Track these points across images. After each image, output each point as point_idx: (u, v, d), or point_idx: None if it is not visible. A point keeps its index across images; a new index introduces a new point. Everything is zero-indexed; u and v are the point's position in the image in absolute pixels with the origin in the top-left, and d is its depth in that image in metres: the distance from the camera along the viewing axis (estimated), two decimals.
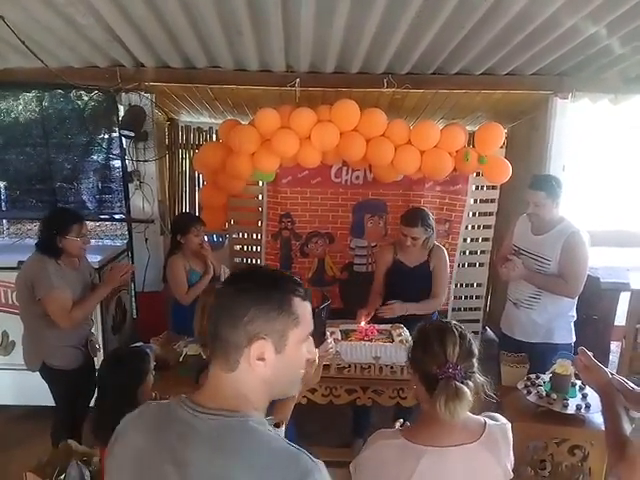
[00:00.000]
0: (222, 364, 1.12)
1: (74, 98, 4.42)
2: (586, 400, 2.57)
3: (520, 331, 3.31)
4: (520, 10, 2.69)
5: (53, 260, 2.92)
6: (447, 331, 1.62)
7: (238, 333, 1.09)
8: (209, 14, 2.90)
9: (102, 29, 3.18)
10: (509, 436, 1.66)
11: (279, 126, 3.77)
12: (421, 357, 1.64)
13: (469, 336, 1.65)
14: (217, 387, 1.12)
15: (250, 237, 4.96)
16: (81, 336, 3.13)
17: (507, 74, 3.95)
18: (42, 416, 3.35)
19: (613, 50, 3.34)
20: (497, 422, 1.68)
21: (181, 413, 1.10)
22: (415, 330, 1.77)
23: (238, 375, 1.11)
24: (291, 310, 1.12)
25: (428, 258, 3.51)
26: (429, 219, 3.39)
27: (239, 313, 1.09)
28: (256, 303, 1.09)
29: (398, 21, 2.91)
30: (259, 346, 1.09)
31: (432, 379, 1.57)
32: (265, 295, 1.11)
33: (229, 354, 1.10)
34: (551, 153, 4.23)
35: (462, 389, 1.52)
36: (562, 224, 3.14)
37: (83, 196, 4.60)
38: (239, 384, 1.12)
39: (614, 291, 4.50)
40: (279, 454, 1.06)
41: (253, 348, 1.08)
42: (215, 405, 1.09)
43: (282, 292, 1.13)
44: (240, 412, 1.09)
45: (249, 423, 1.07)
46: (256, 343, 1.08)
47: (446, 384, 1.53)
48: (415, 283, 3.47)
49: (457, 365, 1.56)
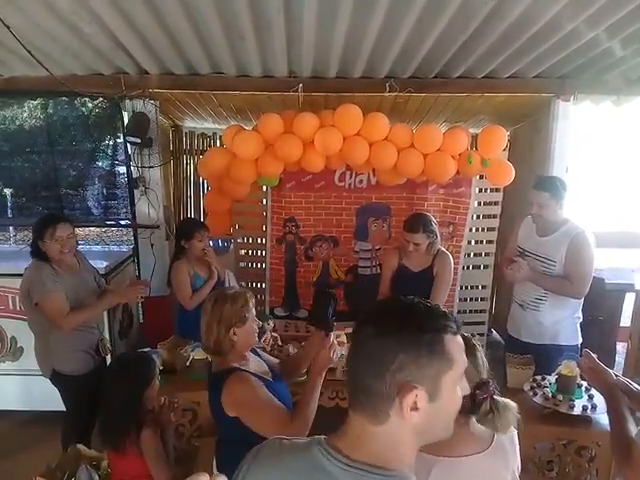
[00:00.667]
0: (368, 416, 0.99)
1: (79, 105, 4.46)
2: (592, 401, 2.58)
3: (526, 333, 3.31)
4: (521, 13, 2.71)
5: (48, 265, 2.94)
6: (473, 346, 1.58)
7: (385, 383, 0.95)
8: (212, 20, 2.92)
9: (106, 37, 3.22)
10: (516, 442, 1.66)
11: (282, 131, 3.79)
12: None
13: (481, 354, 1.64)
14: (361, 438, 1.01)
15: (255, 241, 4.98)
16: (89, 341, 3.15)
17: (509, 77, 3.96)
18: (51, 421, 3.37)
19: (615, 52, 3.34)
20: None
21: (323, 462, 1.01)
22: None
23: (388, 428, 0.98)
24: (443, 351, 0.97)
25: (432, 263, 3.51)
26: (431, 225, 3.40)
27: (385, 360, 0.95)
28: (403, 348, 0.95)
29: (400, 25, 2.93)
30: (411, 396, 0.95)
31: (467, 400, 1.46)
32: (412, 337, 0.96)
33: (376, 405, 0.97)
34: (554, 155, 4.23)
35: (506, 400, 1.54)
36: (567, 225, 3.14)
37: (89, 202, 4.63)
38: (388, 438, 0.99)
39: (619, 292, 4.50)
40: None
41: (405, 399, 0.95)
42: (359, 457, 0.99)
43: (431, 332, 0.97)
44: (387, 468, 0.98)
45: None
46: (408, 394, 0.95)
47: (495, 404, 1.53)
48: (419, 288, 3.46)
49: (488, 379, 1.56)
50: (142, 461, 2.23)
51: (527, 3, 2.58)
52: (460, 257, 4.67)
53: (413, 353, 0.95)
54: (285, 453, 1.08)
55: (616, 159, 6.51)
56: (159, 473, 2.24)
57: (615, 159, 6.50)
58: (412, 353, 0.95)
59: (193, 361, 3.01)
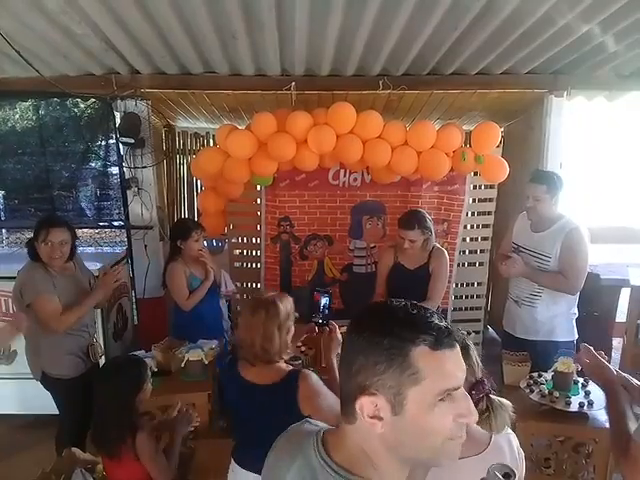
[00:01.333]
0: (344, 413, 1.00)
1: (71, 106, 4.42)
2: (589, 397, 2.58)
3: (522, 329, 3.31)
4: (513, 10, 2.70)
5: (42, 266, 2.92)
6: (467, 346, 1.57)
7: (350, 382, 0.95)
8: (203, 20, 2.90)
9: (97, 37, 3.19)
10: (514, 445, 1.64)
11: (276, 130, 3.77)
12: None
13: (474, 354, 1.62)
14: (340, 436, 1.02)
15: (250, 241, 4.96)
16: (79, 344, 3.11)
17: (502, 73, 3.96)
18: (45, 424, 3.36)
19: (607, 47, 3.35)
20: (502, 432, 1.67)
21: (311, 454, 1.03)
22: None
23: (356, 430, 0.98)
24: (406, 363, 0.90)
25: (428, 260, 3.51)
26: (426, 221, 3.39)
27: (349, 359, 0.96)
28: (363, 350, 0.93)
29: (392, 23, 2.92)
30: (369, 402, 0.92)
31: None
32: (374, 341, 0.92)
33: (347, 404, 0.98)
34: (548, 151, 4.24)
35: (502, 400, 1.54)
36: (562, 221, 3.14)
37: (81, 204, 4.59)
38: (356, 440, 0.99)
39: (614, 287, 4.51)
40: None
41: (363, 402, 0.93)
42: (334, 455, 1.00)
43: (395, 339, 0.91)
44: (352, 472, 0.97)
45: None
46: (365, 397, 0.92)
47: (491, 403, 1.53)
48: (415, 285, 3.47)
49: (483, 378, 1.56)
50: (138, 466, 2.22)
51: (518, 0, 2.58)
52: (455, 254, 4.67)
53: (371, 358, 0.92)
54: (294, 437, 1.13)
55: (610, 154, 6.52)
56: (159, 475, 2.23)
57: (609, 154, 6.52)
58: (370, 358, 0.92)
59: (188, 362, 2.99)
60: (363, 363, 0.93)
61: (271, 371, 2.10)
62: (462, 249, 4.87)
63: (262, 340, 2.07)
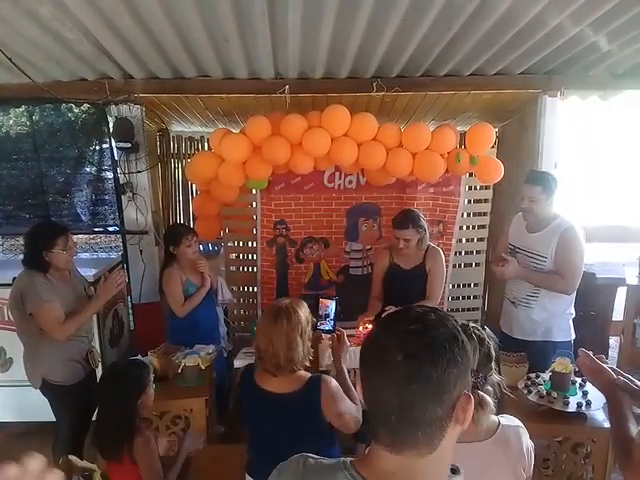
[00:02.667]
0: (419, 449, 0.91)
1: (64, 111, 4.41)
2: (587, 397, 2.58)
3: (519, 330, 3.31)
4: (505, 11, 2.70)
5: (41, 274, 2.91)
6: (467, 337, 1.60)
7: (444, 406, 0.90)
8: (195, 24, 2.89)
9: (89, 42, 3.18)
10: (524, 440, 1.65)
11: (270, 133, 3.77)
12: None
13: (487, 339, 1.65)
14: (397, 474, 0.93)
15: (245, 245, 4.96)
16: (80, 350, 3.11)
17: (496, 74, 3.96)
18: (42, 432, 3.34)
19: (600, 47, 3.35)
20: (511, 423, 1.68)
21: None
22: None
23: (440, 452, 0.93)
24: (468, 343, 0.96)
25: (424, 260, 3.53)
26: (420, 220, 3.40)
27: (443, 383, 0.89)
28: (456, 364, 0.90)
29: (385, 25, 2.92)
30: (470, 405, 0.92)
31: None
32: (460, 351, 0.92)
33: (433, 434, 0.91)
34: (542, 151, 4.23)
35: (485, 399, 1.53)
36: (557, 220, 3.15)
37: (76, 209, 4.57)
38: (437, 464, 0.94)
39: (611, 286, 4.52)
40: None
41: (466, 412, 0.92)
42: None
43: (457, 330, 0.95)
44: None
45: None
46: (467, 405, 0.92)
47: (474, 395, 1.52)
48: (412, 285, 3.49)
49: (477, 372, 1.55)
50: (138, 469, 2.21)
51: (511, 1, 2.58)
52: (450, 255, 4.69)
53: (461, 362, 0.91)
54: (310, 474, 1.03)
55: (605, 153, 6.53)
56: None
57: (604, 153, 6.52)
58: (460, 362, 0.91)
59: (185, 368, 2.98)
60: (458, 376, 0.90)
61: (292, 379, 2.09)
62: (458, 250, 4.87)
63: (286, 350, 2.04)
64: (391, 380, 0.90)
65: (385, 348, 0.91)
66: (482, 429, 1.57)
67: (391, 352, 0.89)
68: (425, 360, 0.88)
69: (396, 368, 0.89)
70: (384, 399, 0.91)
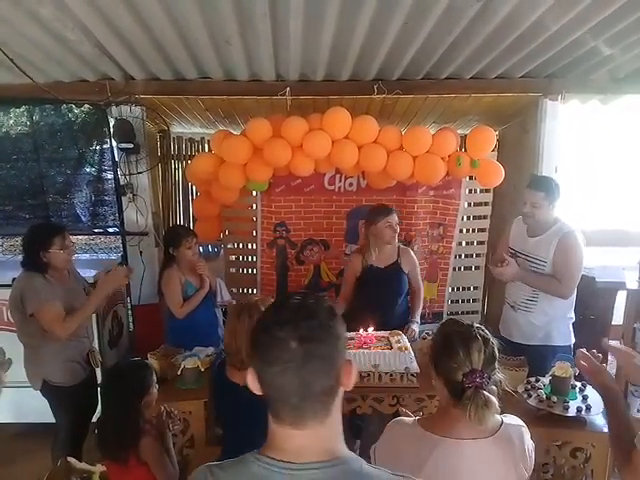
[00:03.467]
0: (321, 417, 1.02)
1: (65, 111, 4.40)
2: (587, 402, 2.57)
3: (518, 334, 3.30)
4: (506, 15, 2.70)
5: (41, 275, 2.90)
6: (471, 337, 1.62)
7: (334, 376, 1.02)
8: (197, 25, 2.89)
9: (90, 43, 3.18)
10: (526, 439, 1.67)
11: (271, 135, 3.77)
12: (445, 363, 1.64)
13: (491, 338, 1.66)
14: (306, 445, 1.02)
15: (245, 247, 4.96)
16: (80, 350, 3.11)
17: (496, 77, 3.96)
18: (41, 433, 3.33)
19: (601, 51, 3.35)
20: (514, 422, 1.69)
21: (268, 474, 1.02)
22: (437, 330, 1.79)
23: (334, 414, 1.05)
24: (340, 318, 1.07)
25: (398, 258, 3.60)
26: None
27: (333, 356, 1.02)
28: (338, 336, 1.03)
29: (386, 28, 2.92)
30: (348, 368, 1.05)
31: (457, 386, 1.59)
32: (337, 323, 1.04)
33: (328, 402, 1.03)
34: (543, 155, 4.24)
35: (490, 398, 1.54)
36: (557, 225, 3.14)
37: (76, 210, 4.56)
38: (335, 424, 1.06)
39: (610, 290, 4.50)
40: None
41: (343, 377, 1.04)
42: (309, 459, 1.01)
43: (333, 308, 1.07)
44: (337, 457, 1.03)
45: (351, 466, 1.03)
46: (349, 368, 1.05)
47: (475, 394, 1.54)
48: (390, 282, 3.57)
49: (483, 372, 1.57)
50: (144, 471, 2.20)
51: (512, 5, 2.58)
52: (450, 258, 4.70)
53: (341, 334, 1.04)
54: (221, 476, 1.07)
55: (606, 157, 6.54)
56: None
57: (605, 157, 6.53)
58: (341, 335, 1.04)
59: (184, 370, 2.97)
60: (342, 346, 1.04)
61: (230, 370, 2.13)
62: (458, 253, 4.88)
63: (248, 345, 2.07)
64: (290, 365, 0.98)
65: (279, 338, 0.98)
66: (486, 427, 1.58)
67: (286, 341, 0.98)
68: (317, 341, 0.99)
69: (293, 354, 0.97)
70: (284, 383, 0.99)
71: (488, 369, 1.60)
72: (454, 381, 1.60)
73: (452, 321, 1.79)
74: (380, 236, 3.49)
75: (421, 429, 1.62)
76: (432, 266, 4.78)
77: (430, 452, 1.55)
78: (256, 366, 1.03)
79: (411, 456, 1.55)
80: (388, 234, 3.47)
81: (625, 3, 2.54)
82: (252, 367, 1.05)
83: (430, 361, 1.74)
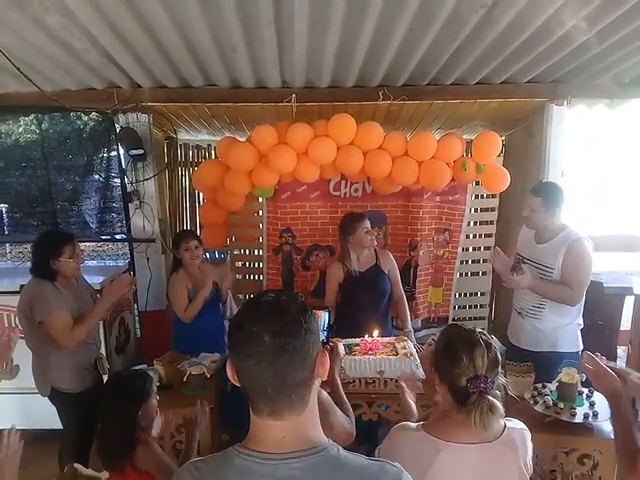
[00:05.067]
0: (297, 410, 1.08)
1: (73, 119, 4.45)
2: (594, 408, 2.55)
3: (525, 340, 3.29)
4: (511, 21, 2.70)
5: (50, 282, 2.92)
6: (475, 343, 1.63)
7: (309, 368, 1.08)
8: (203, 34, 2.91)
9: (97, 52, 3.20)
10: (528, 443, 1.68)
11: (276, 142, 3.78)
12: (449, 368, 1.65)
13: (494, 343, 1.66)
14: (287, 436, 1.08)
15: (252, 253, 4.97)
16: (89, 356, 3.13)
17: (502, 83, 3.96)
18: (48, 440, 3.33)
19: (606, 56, 3.35)
20: (517, 426, 1.70)
21: (250, 465, 1.06)
22: (440, 336, 1.80)
23: (311, 405, 1.10)
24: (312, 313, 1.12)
25: (377, 260, 3.64)
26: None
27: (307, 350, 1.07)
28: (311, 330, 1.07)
29: (391, 34, 2.93)
30: (323, 360, 1.10)
31: (461, 391, 1.60)
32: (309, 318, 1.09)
33: (304, 394, 1.08)
34: (549, 160, 4.23)
35: (495, 403, 1.55)
36: (564, 232, 3.12)
37: (84, 217, 4.60)
38: (312, 414, 1.11)
39: (618, 296, 4.48)
40: (368, 470, 1.08)
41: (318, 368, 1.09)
42: (289, 449, 1.06)
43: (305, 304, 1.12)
44: (316, 446, 1.07)
45: (330, 454, 1.07)
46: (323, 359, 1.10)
47: (479, 399, 1.55)
48: (372, 284, 3.59)
49: (487, 377, 1.58)
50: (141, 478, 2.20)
51: (516, 10, 2.58)
52: (456, 263, 4.70)
53: (314, 328, 1.08)
54: (206, 474, 1.11)
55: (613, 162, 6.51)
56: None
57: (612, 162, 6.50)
58: (313, 329, 1.08)
59: (190, 376, 2.98)
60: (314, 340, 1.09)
61: None
62: (465, 259, 4.87)
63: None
64: (264, 358, 1.03)
65: (253, 333, 1.04)
66: (491, 432, 1.58)
67: (260, 335, 1.03)
68: (289, 335, 1.04)
69: (267, 347, 1.03)
70: (259, 375, 1.05)
71: (492, 374, 1.60)
72: (458, 387, 1.61)
73: (454, 326, 1.80)
74: (360, 243, 3.53)
75: (425, 434, 1.62)
76: (437, 271, 4.78)
77: (434, 457, 1.56)
78: (234, 360, 1.10)
79: (415, 460, 1.55)
80: (367, 239, 3.51)
81: (630, 8, 2.54)
82: (230, 360, 1.11)
83: (433, 367, 1.74)
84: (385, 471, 1.09)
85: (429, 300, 4.82)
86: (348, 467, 1.06)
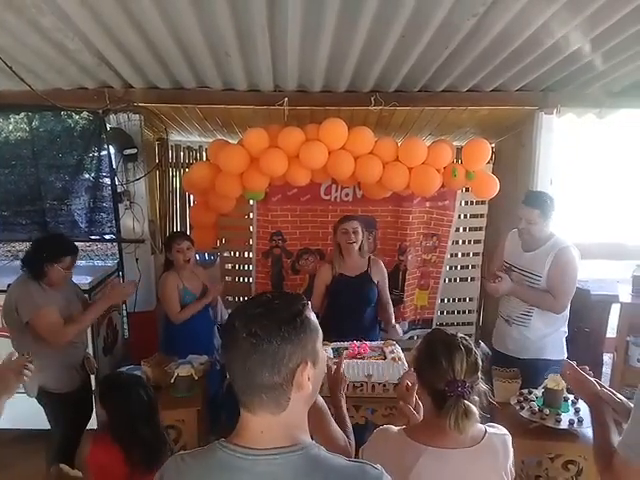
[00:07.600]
0: (272, 410, 1.10)
1: (64, 117, 4.42)
2: (579, 415, 2.58)
3: (512, 348, 3.31)
4: (502, 30, 2.73)
5: (36, 282, 2.91)
6: (454, 347, 1.64)
7: (282, 375, 1.08)
8: (196, 38, 2.91)
9: (90, 53, 3.20)
10: (509, 447, 1.69)
11: (267, 145, 3.79)
12: (428, 372, 1.67)
13: (474, 349, 1.68)
14: (265, 432, 1.10)
15: (241, 256, 4.97)
16: (76, 356, 3.12)
17: (492, 90, 3.99)
18: (34, 440, 3.33)
19: (596, 65, 3.38)
20: (498, 432, 1.70)
21: (231, 459, 1.09)
22: (422, 340, 1.80)
23: (289, 411, 1.11)
24: (311, 324, 1.13)
25: (368, 267, 3.64)
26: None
27: (277, 358, 1.07)
28: (287, 340, 1.07)
29: (383, 41, 2.94)
30: (305, 373, 1.09)
31: (440, 394, 1.61)
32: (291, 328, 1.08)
33: (278, 397, 1.09)
34: (538, 168, 4.26)
35: (470, 408, 1.56)
36: (552, 240, 3.15)
37: (74, 216, 4.57)
38: (292, 419, 1.12)
39: (605, 303, 4.53)
40: (347, 471, 1.09)
41: (302, 379, 1.09)
42: (266, 445, 1.08)
43: (299, 315, 1.11)
44: (296, 444, 1.09)
45: (310, 452, 1.09)
46: (303, 373, 1.09)
47: (455, 403, 1.56)
48: (358, 291, 3.60)
49: (465, 382, 1.59)
50: None
51: (507, 20, 2.61)
52: (443, 269, 4.75)
53: (296, 340, 1.08)
54: (192, 465, 1.14)
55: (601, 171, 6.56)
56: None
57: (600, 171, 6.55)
58: (295, 340, 1.07)
59: (177, 378, 2.97)
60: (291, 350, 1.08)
61: None
62: (454, 264, 4.92)
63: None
64: (238, 353, 1.08)
65: (235, 328, 1.09)
66: (467, 437, 1.59)
67: (238, 331, 1.08)
68: (262, 337, 1.06)
69: (241, 343, 1.07)
70: (234, 368, 1.09)
71: (470, 379, 1.62)
72: (436, 390, 1.62)
73: (437, 331, 1.82)
74: (339, 242, 3.58)
75: (407, 437, 1.64)
76: (424, 275, 4.83)
77: (415, 460, 1.57)
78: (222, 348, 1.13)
79: (396, 464, 1.55)
80: (343, 240, 3.53)
81: (620, 19, 2.57)
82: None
83: (415, 371, 1.76)
84: (365, 472, 1.10)
85: (415, 303, 4.85)
86: (327, 466, 1.08)
